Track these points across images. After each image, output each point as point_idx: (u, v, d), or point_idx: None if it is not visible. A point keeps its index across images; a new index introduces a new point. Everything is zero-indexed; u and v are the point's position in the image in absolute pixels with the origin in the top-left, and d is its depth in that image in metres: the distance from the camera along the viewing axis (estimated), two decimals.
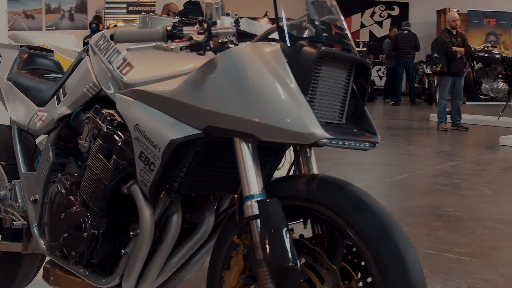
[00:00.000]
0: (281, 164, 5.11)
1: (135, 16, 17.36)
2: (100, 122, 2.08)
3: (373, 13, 20.44)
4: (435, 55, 10.59)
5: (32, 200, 2.42)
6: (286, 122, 1.63)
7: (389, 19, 20.12)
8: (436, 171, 6.92)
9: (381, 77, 19.14)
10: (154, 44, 1.79)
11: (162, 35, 1.78)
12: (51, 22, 18.73)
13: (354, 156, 7.84)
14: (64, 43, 4.02)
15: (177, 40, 1.76)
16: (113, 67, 2.09)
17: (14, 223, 2.52)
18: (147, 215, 1.95)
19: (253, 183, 1.74)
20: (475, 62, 12.00)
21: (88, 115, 2.18)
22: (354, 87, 1.87)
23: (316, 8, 1.82)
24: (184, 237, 2.09)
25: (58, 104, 2.38)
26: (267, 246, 1.64)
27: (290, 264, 1.61)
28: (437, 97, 11.21)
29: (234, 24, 1.86)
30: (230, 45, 1.79)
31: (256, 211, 1.70)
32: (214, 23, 1.78)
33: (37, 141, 2.76)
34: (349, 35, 1.86)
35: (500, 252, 4.00)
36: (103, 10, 18.69)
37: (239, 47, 1.76)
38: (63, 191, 2.22)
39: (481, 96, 12.63)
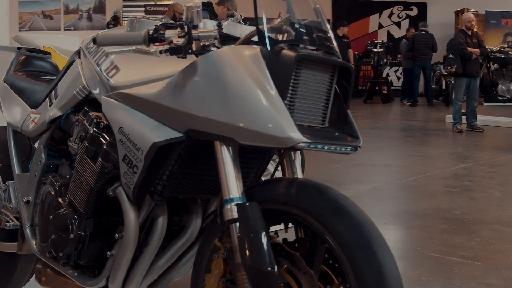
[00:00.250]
0: None
1: (153, 16, 17.39)
2: (87, 125, 2.09)
3: (391, 13, 20.33)
4: (450, 56, 10.52)
5: (24, 201, 2.44)
6: (263, 126, 1.63)
7: (407, 20, 20.00)
8: (447, 173, 6.87)
9: (399, 78, 19.04)
10: (134, 47, 1.79)
11: (144, 39, 1.78)
12: (70, 22, 18.82)
13: (367, 158, 7.81)
14: (68, 45, 4.04)
15: (157, 44, 1.77)
16: (100, 69, 2.10)
17: (7, 223, 2.54)
18: (131, 217, 1.96)
19: (233, 186, 1.73)
20: (491, 63, 11.91)
21: (77, 117, 2.19)
22: (338, 90, 1.85)
23: (298, 10, 1.82)
24: (173, 239, 2.10)
25: (50, 106, 2.39)
26: (245, 250, 1.64)
27: (268, 268, 1.61)
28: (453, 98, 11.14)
29: (216, 27, 1.86)
30: (212, 48, 1.79)
31: (235, 214, 1.69)
32: (195, 26, 1.78)
33: (37, 144, 2.77)
34: (332, 38, 1.84)
35: (505, 255, 3.96)
36: (121, 11, 18.75)
37: (219, 50, 1.76)
38: (53, 192, 2.23)
39: (498, 97, 12.53)
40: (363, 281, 1.55)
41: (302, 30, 1.76)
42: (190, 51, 1.78)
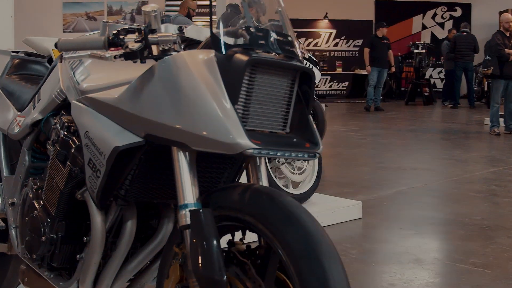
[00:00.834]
0: (303, 169, 5.05)
1: (195, 18, 17.45)
2: (59, 128, 2.10)
3: (435, 14, 20.06)
4: (487, 57, 10.33)
5: (10, 203, 2.47)
6: (213, 132, 1.61)
7: (451, 21, 19.70)
8: (475, 177, 6.73)
9: (442, 80, 18.77)
10: (89, 52, 1.80)
11: (104, 43, 1.78)
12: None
13: (396, 160, 7.75)
14: None
15: (113, 49, 1.76)
16: (73, 73, 2.11)
17: None
18: (98, 221, 1.96)
19: (188, 192, 1.72)
20: None
21: (55, 121, 2.21)
22: (301, 94, 1.82)
23: (257, 13, 1.80)
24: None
25: (33, 110, 2.42)
26: (196, 257, 1.62)
27: (216, 276, 1.59)
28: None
29: (177, 32, 1.85)
30: (172, 53, 1.78)
31: (188, 220, 1.68)
32: (154, 31, 1.77)
33: None
34: (294, 42, 1.81)
35: None
36: (163, 12, 18.92)
37: (175, 55, 1.74)
38: (30, 195, 2.26)
39: None
40: None
41: (258, 34, 1.73)
42: (150, 55, 1.78)
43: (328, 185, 6.21)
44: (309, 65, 8.30)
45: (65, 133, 2.06)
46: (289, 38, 1.80)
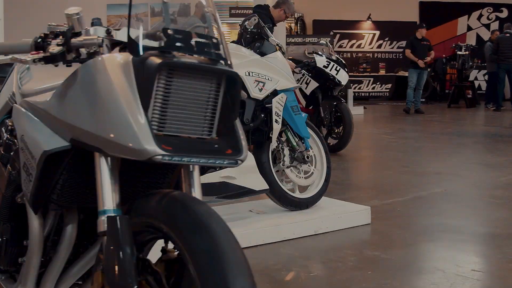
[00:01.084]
0: (309, 173, 4.97)
1: (237, 19, 17.48)
2: (3, 132, 2.11)
3: (481, 15, 19.70)
4: None
5: None
6: (124, 138, 1.58)
7: (497, 22, 19.29)
8: (499, 182, 6.52)
9: (487, 82, 18.40)
10: (11, 56, 1.79)
11: (31, 47, 1.77)
12: (154, 25, 19.23)
13: (422, 164, 7.62)
14: None
15: (33, 52, 1.75)
16: (19, 77, 2.12)
17: None
18: (35, 225, 1.95)
19: (107, 198, 1.69)
20: None
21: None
22: (228, 99, 1.76)
23: (179, 14, 1.76)
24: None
25: None
26: (108, 264, 1.60)
27: (125, 285, 1.56)
28: None
29: (105, 35, 1.82)
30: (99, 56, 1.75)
31: (106, 227, 1.65)
32: (78, 34, 1.75)
33: None
34: (221, 44, 1.75)
35: None
36: None
37: (96, 58, 1.71)
38: None
39: None
40: None
41: (177, 36, 1.68)
42: (76, 59, 1.76)
43: (345, 188, 6.14)
44: (296, 67, 8.09)
45: (8, 136, 2.07)
46: (214, 40, 1.75)
